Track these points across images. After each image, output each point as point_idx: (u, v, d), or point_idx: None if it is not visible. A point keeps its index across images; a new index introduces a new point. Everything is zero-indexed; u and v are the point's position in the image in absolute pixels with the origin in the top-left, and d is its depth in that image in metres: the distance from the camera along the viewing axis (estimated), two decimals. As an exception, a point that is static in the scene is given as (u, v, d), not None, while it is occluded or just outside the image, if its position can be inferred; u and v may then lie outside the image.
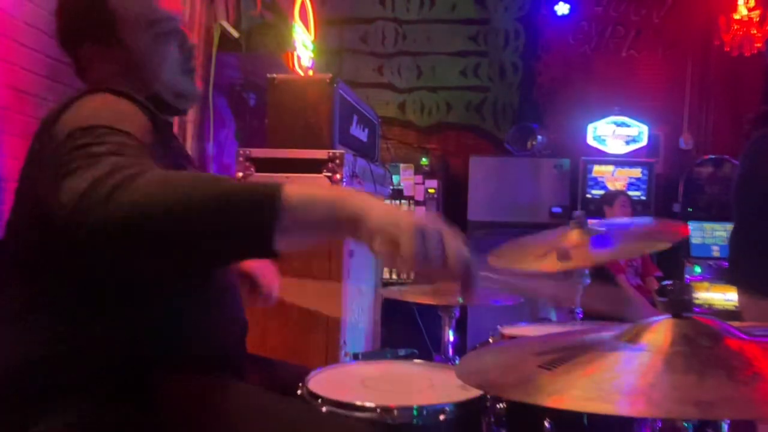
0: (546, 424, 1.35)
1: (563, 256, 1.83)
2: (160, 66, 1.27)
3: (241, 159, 2.53)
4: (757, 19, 4.84)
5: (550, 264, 1.83)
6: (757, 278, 2.58)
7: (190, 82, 1.35)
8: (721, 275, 4.88)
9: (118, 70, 1.26)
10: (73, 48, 1.28)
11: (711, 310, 4.76)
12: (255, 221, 0.84)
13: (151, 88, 1.27)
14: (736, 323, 0.96)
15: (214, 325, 1.26)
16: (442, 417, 1.27)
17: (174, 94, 1.31)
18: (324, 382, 1.40)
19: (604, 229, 1.97)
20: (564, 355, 0.88)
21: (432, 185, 5.56)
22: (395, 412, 1.26)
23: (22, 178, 1.18)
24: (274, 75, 2.64)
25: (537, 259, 1.90)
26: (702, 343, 0.85)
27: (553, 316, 5.08)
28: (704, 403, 0.71)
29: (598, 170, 5.43)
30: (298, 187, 0.87)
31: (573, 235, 1.91)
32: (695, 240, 5.15)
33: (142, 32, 1.25)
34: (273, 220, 0.83)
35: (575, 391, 0.78)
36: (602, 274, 4.10)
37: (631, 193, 5.07)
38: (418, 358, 1.74)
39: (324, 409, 1.27)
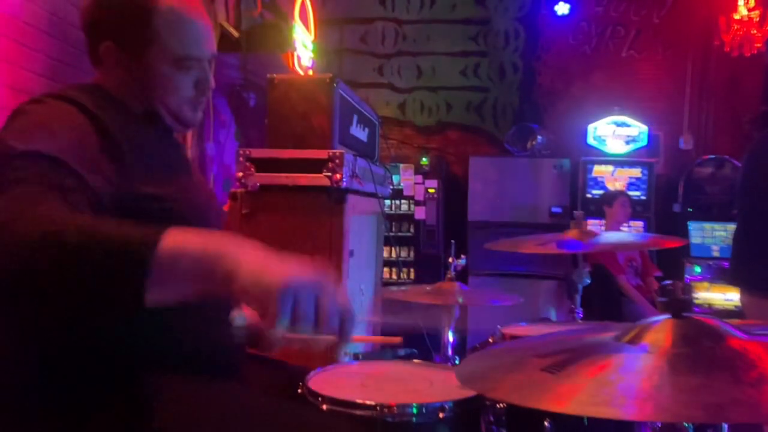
0: (545, 423, 1.35)
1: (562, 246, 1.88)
2: (168, 93, 1.29)
3: (241, 159, 2.53)
4: (757, 19, 4.84)
5: (549, 249, 1.90)
6: (759, 278, 2.58)
7: (192, 112, 1.35)
8: (721, 275, 4.89)
9: (127, 79, 1.28)
10: (95, 38, 1.28)
11: (711, 310, 4.76)
12: (122, 275, 0.83)
13: (152, 105, 1.30)
14: (735, 320, 0.96)
15: (206, 326, 1.24)
16: (441, 415, 1.27)
17: (173, 117, 1.33)
18: (324, 382, 1.40)
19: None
20: (566, 357, 0.88)
21: (432, 185, 5.56)
22: (395, 409, 1.26)
23: None
24: (274, 75, 2.64)
25: (536, 246, 1.97)
26: (704, 344, 0.85)
27: (553, 316, 5.09)
28: (712, 405, 0.71)
29: (598, 170, 5.43)
30: (175, 238, 0.85)
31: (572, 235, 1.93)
32: (695, 240, 5.15)
33: (166, 62, 1.27)
34: (141, 275, 0.81)
35: (582, 396, 0.77)
36: (602, 274, 4.10)
37: (631, 193, 5.07)
38: (417, 358, 1.74)
39: (324, 407, 1.28)
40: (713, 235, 5.14)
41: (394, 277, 5.32)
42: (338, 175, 2.46)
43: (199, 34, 1.30)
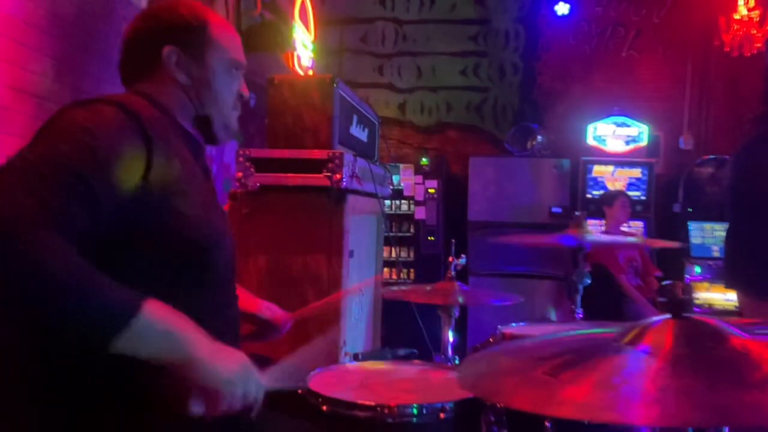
0: (546, 423, 1.35)
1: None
2: (223, 94, 1.38)
3: (241, 159, 2.53)
4: (757, 19, 4.83)
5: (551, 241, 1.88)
6: (752, 281, 2.59)
7: (235, 120, 1.44)
8: (721, 275, 4.88)
9: (180, 85, 1.33)
10: (156, 43, 1.32)
11: (711, 310, 4.76)
12: (102, 333, 0.99)
13: (206, 109, 1.36)
14: (734, 318, 0.96)
15: (208, 325, 1.24)
16: (441, 415, 1.27)
17: (222, 124, 1.40)
18: (324, 382, 1.40)
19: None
20: (567, 359, 0.87)
21: (432, 185, 5.56)
22: (395, 410, 1.26)
23: None
24: (274, 75, 2.64)
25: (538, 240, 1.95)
26: (705, 344, 0.84)
27: (553, 316, 5.09)
28: (718, 408, 0.70)
29: (598, 170, 5.43)
30: (153, 313, 1.02)
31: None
32: (695, 240, 5.14)
33: (222, 65, 1.37)
34: (113, 333, 0.98)
35: (585, 400, 0.77)
36: (602, 274, 4.10)
37: (631, 193, 5.07)
38: (418, 358, 1.74)
39: (324, 407, 1.28)
40: (713, 235, 5.14)
41: (394, 277, 5.32)
42: (338, 176, 2.46)
43: (239, 46, 1.44)
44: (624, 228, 4.67)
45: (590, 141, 5.51)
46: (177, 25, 1.33)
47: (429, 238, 5.53)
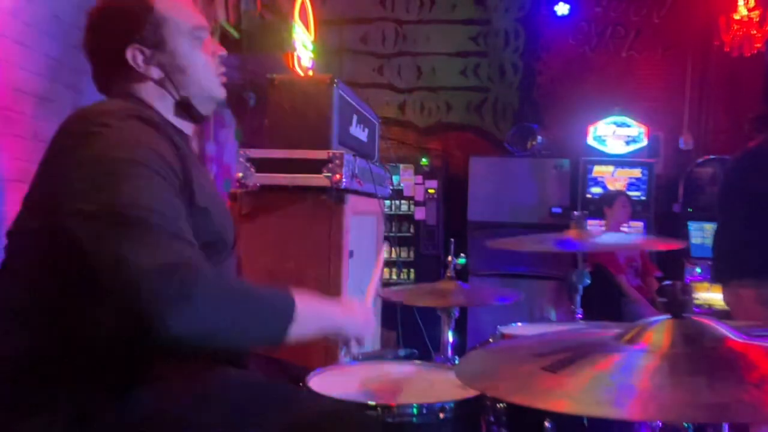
0: (546, 423, 1.35)
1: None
2: (199, 67, 1.34)
3: (241, 159, 2.53)
4: (757, 19, 4.83)
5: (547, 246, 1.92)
6: (739, 266, 2.66)
7: (220, 85, 1.40)
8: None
9: (155, 80, 1.31)
10: (117, 49, 1.29)
11: (711, 311, 4.75)
12: (276, 332, 1.15)
13: (183, 90, 1.33)
14: (732, 322, 0.96)
15: None
16: (441, 415, 1.27)
17: (205, 98, 1.36)
18: (324, 382, 1.40)
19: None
20: (566, 356, 0.87)
21: (432, 185, 5.56)
22: (395, 409, 1.26)
23: (43, 183, 1.19)
24: (274, 75, 2.64)
25: (535, 243, 2.00)
26: (704, 344, 0.84)
27: (553, 316, 5.09)
28: (716, 405, 0.70)
29: (598, 170, 5.42)
30: (301, 301, 1.18)
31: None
32: (695, 240, 5.14)
33: (185, 37, 1.32)
34: (286, 330, 1.15)
35: (583, 396, 0.77)
36: (602, 274, 4.10)
37: (631, 193, 5.07)
38: (418, 358, 1.74)
39: (324, 407, 1.28)
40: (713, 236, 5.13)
41: (394, 277, 5.32)
42: (338, 176, 2.46)
43: (192, 7, 1.38)
44: (624, 228, 4.66)
45: (590, 141, 5.50)
46: (125, 22, 1.29)
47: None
